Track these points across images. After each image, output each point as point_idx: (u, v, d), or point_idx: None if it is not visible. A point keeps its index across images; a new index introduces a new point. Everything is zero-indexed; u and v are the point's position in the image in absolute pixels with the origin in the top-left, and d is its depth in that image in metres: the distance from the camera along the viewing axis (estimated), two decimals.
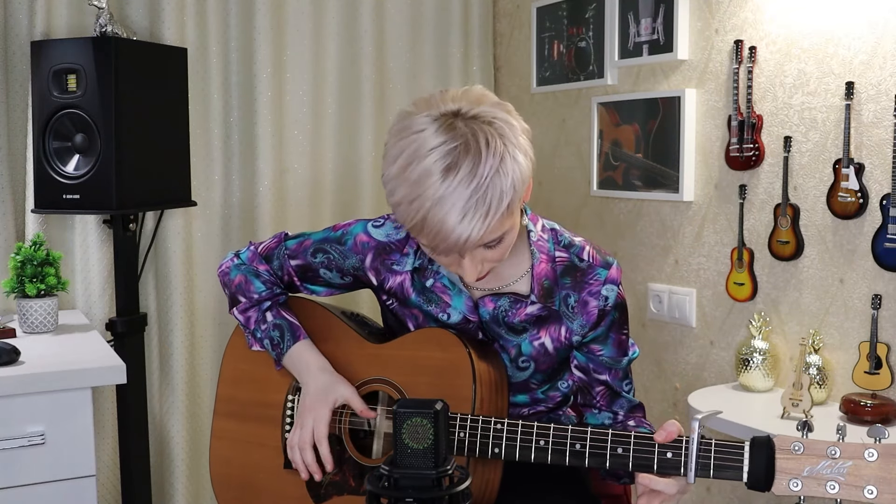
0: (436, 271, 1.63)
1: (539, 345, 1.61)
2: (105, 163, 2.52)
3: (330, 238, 1.71)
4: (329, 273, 1.71)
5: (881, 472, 1.24)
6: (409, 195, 1.37)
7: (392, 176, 1.40)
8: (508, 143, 1.39)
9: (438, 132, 1.38)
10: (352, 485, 1.62)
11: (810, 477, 1.28)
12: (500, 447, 1.46)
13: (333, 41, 3.25)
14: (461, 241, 1.37)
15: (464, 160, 1.35)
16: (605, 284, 1.58)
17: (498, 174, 1.37)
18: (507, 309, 1.60)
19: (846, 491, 1.26)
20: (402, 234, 1.66)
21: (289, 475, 1.67)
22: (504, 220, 1.40)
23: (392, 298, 1.68)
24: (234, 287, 1.75)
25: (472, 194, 1.35)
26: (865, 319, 2.34)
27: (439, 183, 1.35)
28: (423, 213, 1.37)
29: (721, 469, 1.34)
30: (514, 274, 1.61)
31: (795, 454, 1.29)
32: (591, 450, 1.41)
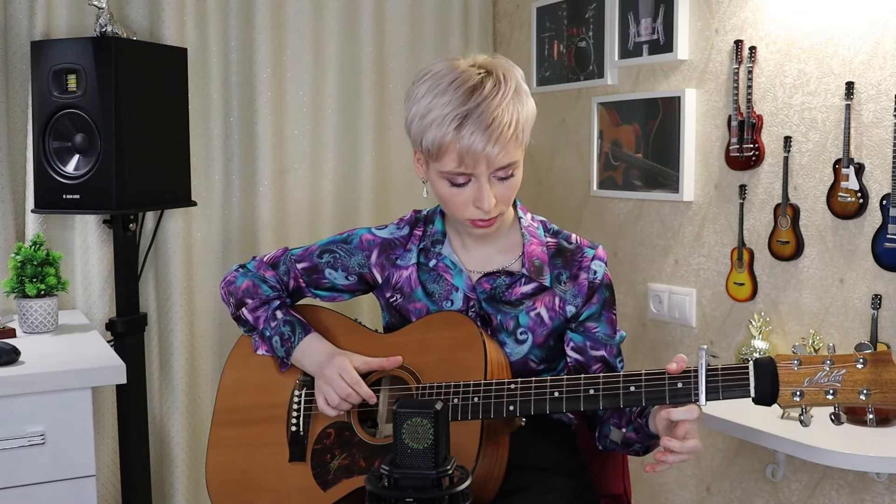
0: (438, 253, 1.73)
1: (535, 315, 1.69)
2: (105, 163, 2.52)
3: (335, 240, 1.80)
4: (334, 273, 1.78)
5: (871, 376, 1.39)
6: (439, 116, 1.55)
7: (420, 108, 1.58)
8: (520, 86, 1.61)
9: (458, 68, 1.58)
10: (362, 465, 1.64)
11: (810, 386, 1.41)
12: (514, 404, 1.51)
13: (333, 41, 3.25)
14: (488, 150, 1.53)
15: (487, 82, 1.56)
16: (594, 260, 1.71)
17: (516, 98, 1.58)
18: (503, 289, 1.69)
19: (843, 395, 1.39)
20: (405, 231, 1.76)
21: (293, 468, 1.68)
22: (517, 148, 1.59)
23: (396, 294, 1.74)
24: (241, 292, 1.79)
25: (496, 108, 1.54)
26: (865, 319, 2.35)
27: (467, 99, 1.54)
28: (454, 128, 1.53)
29: (729, 389, 1.44)
30: (507, 259, 1.72)
31: (795, 369, 1.42)
32: (604, 391, 1.48)
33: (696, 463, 2.84)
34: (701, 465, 2.83)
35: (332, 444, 1.67)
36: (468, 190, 1.59)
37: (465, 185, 1.59)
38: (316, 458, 1.68)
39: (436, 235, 1.74)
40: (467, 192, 1.60)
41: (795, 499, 2.53)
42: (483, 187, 1.58)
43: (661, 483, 2.97)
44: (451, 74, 1.57)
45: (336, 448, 1.66)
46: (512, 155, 1.58)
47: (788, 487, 2.55)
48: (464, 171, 1.57)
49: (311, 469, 1.67)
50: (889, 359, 1.38)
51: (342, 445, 1.65)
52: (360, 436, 1.66)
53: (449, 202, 1.63)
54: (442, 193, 1.63)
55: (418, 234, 1.75)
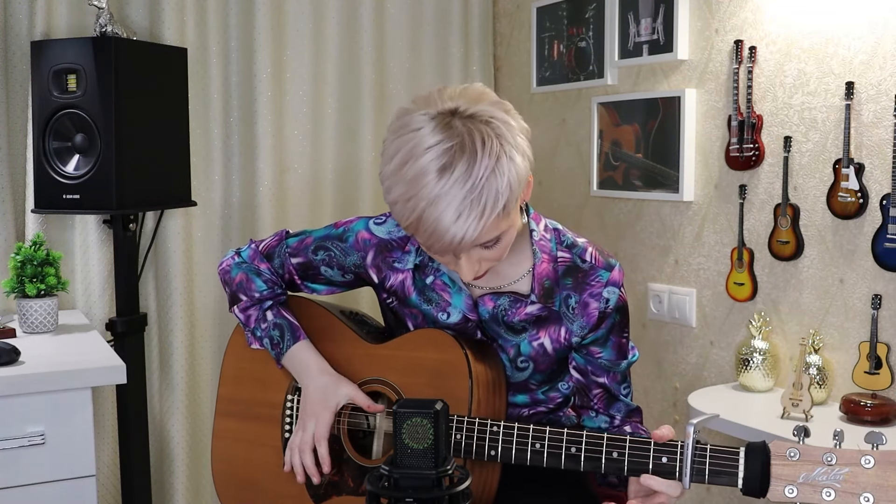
0: (436, 269, 1.63)
1: (538, 345, 1.60)
2: (105, 163, 2.52)
3: (331, 235, 1.71)
4: (330, 271, 1.71)
5: (878, 480, 1.23)
6: (405, 194, 1.38)
7: (389, 174, 1.42)
8: (505, 143, 1.39)
9: (435, 131, 1.37)
10: (350, 485, 1.62)
11: (806, 483, 1.26)
12: (496, 450, 1.46)
13: (333, 41, 3.25)
14: (455, 242, 1.37)
15: (459, 160, 1.35)
16: (607, 286, 1.57)
17: (493, 174, 1.36)
18: (506, 308, 1.60)
19: (842, 498, 1.24)
20: (403, 231, 1.65)
21: (289, 475, 1.68)
22: (500, 221, 1.40)
23: (392, 297, 1.68)
24: (234, 285, 1.75)
25: (468, 195, 1.34)
26: (865, 319, 2.34)
27: (434, 182, 1.35)
28: (418, 213, 1.37)
29: (716, 475, 1.34)
30: (514, 273, 1.60)
31: (791, 460, 1.28)
32: (586, 453, 1.41)
33: None
34: None
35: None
36: (449, 258, 1.47)
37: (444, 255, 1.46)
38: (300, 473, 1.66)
39: None
40: (448, 258, 1.47)
41: None
42: (461, 265, 1.45)
43: None
44: (424, 141, 1.37)
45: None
46: (492, 232, 1.41)
47: None
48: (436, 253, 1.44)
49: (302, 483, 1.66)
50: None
51: (333, 460, 1.63)
52: (348, 454, 1.64)
53: (434, 258, 1.52)
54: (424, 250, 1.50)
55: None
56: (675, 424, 2.89)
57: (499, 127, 1.40)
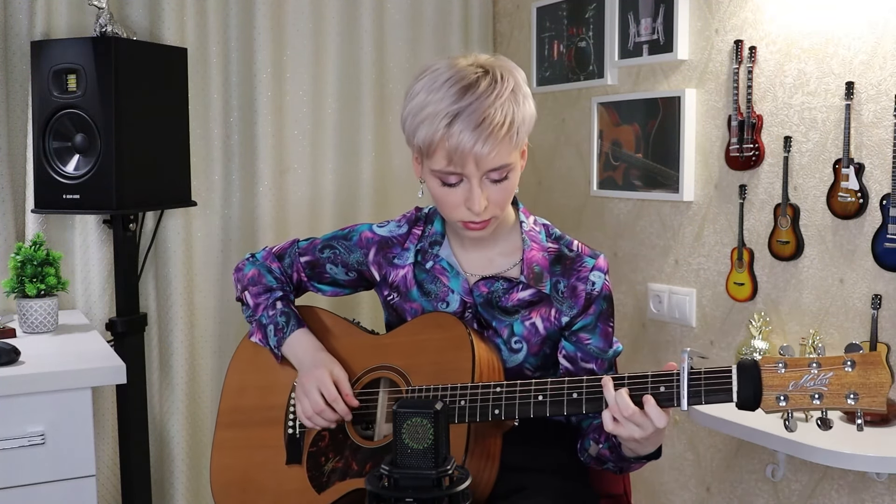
0: (435, 255, 1.71)
1: (530, 324, 1.67)
2: (105, 163, 2.52)
3: (337, 236, 1.81)
4: (335, 268, 1.79)
5: (860, 379, 1.33)
6: (431, 112, 1.52)
7: (414, 105, 1.56)
8: (518, 86, 1.57)
9: (457, 66, 1.56)
10: (355, 469, 1.64)
11: (795, 391, 1.35)
12: (499, 407, 1.50)
13: (333, 41, 3.25)
14: (477, 148, 1.50)
15: (482, 81, 1.53)
16: (593, 271, 1.67)
17: (511, 100, 1.54)
18: (500, 294, 1.67)
19: (830, 399, 1.34)
20: (404, 229, 1.76)
21: (290, 471, 1.69)
22: (513, 147, 1.55)
23: (393, 293, 1.74)
24: (247, 279, 1.83)
25: (489, 106, 1.50)
26: (865, 319, 2.34)
27: (460, 97, 1.51)
28: (444, 125, 1.51)
29: (711, 393, 1.40)
30: (507, 263, 1.69)
31: (780, 372, 1.36)
32: (587, 395, 1.47)
33: (695, 463, 2.84)
34: (701, 465, 2.83)
35: (327, 446, 1.67)
36: (459, 190, 1.57)
37: (456, 186, 1.56)
38: (311, 461, 1.68)
39: (434, 236, 1.73)
40: (459, 192, 1.57)
41: (795, 499, 2.53)
42: (473, 188, 1.55)
43: (660, 483, 2.97)
44: (448, 72, 1.54)
45: (330, 451, 1.67)
46: (504, 157, 1.54)
47: (788, 487, 2.55)
48: (453, 171, 1.54)
49: (307, 471, 1.68)
50: (878, 360, 1.33)
51: (336, 448, 1.66)
52: (352, 438, 1.66)
53: (441, 202, 1.61)
54: (434, 193, 1.60)
55: (417, 233, 1.74)
56: (676, 424, 2.89)
57: (513, 72, 1.59)
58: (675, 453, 2.91)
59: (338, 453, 1.65)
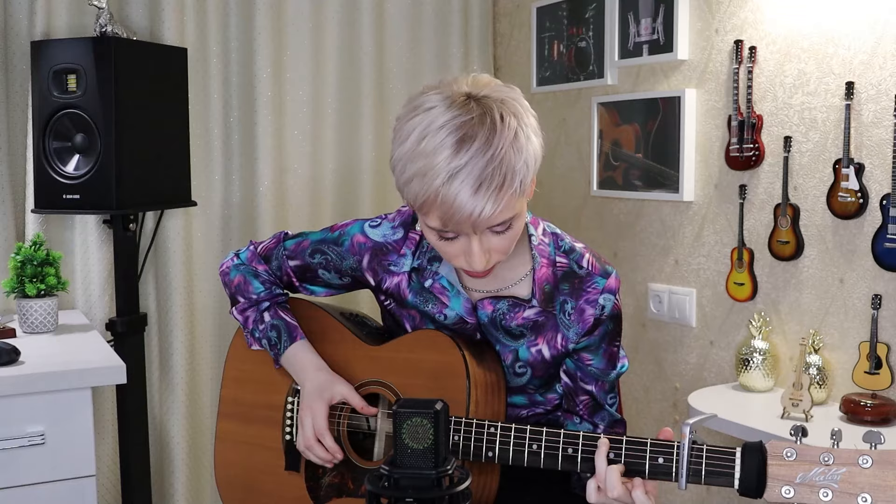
0: (435, 272, 1.61)
1: (536, 351, 1.60)
2: (105, 163, 2.52)
3: (327, 239, 1.70)
4: (328, 273, 1.71)
5: (875, 480, 1.21)
6: (422, 169, 1.35)
7: (403, 153, 1.39)
8: (521, 121, 1.39)
9: (451, 108, 1.37)
10: (350, 487, 1.62)
11: (803, 484, 1.25)
12: (493, 451, 1.45)
13: (333, 41, 3.25)
14: (475, 215, 1.35)
15: (479, 131, 1.34)
16: (603, 293, 1.57)
17: (512, 148, 1.35)
18: (505, 312, 1.59)
19: (840, 498, 1.23)
20: (399, 234, 1.64)
21: (289, 477, 1.68)
22: (516, 199, 1.39)
23: (389, 299, 1.67)
24: (233, 287, 1.76)
25: (488, 164, 1.33)
26: (865, 319, 2.34)
27: (454, 154, 1.34)
28: (436, 186, 1.34)
29: (712, 475, 1.32)
30: (513, 277, 1.59)
31: (788, 460, 1.26)
32: (583, 454, 1.40)
33: None
34: None
35: None
36: (459, 243, 1.43)
37: (454, 239, 1.43)
38: (309, 471, 1.66)
39: (433, 251, 1.60)
40: (457, 245, 1.44)
41: None
42: (473, 246, 1.42)
43: (660, 483, 2.96)
44: (442, 116, 1.36)
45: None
46: (507, 213, 1.39)
47: None
48: (450, 232, 1.41)
49: (305, 482, 1.66)
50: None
51: (333, 462, 1.63)
52: (349, 456, 1.64)
53: (440, 252, 1.49)
54: (431, 242, 1.47)
55: (414, 238, 1.63)
56: (675, 424, 2.89)
57: (514, 106, 1.40)
58: None
59: (335, 468, 1.64)
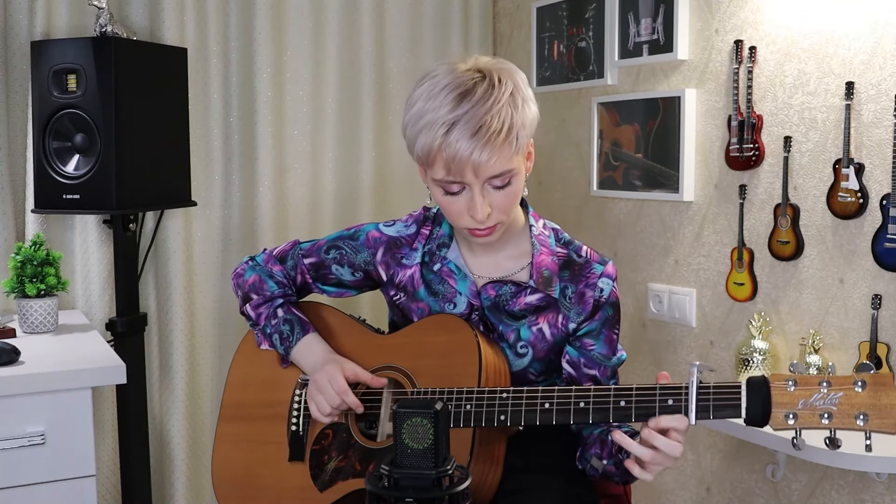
0: (443, 257, 1.70)
1: (537, 330, 1.66)
2: (105, 163, 2.52)
3: (343, 236, 1.79)
4: (341, 269, 1.77)
5: (870, 400, 1.32)
6: (429, 121, 1.50)
7: (413, 113, 1.54)
8: (518, 87, 1.54)
9: (456, 72, 1.53)
10: (357, 468, 1.64)
11: (804, 409, 1.34)
12: (505, 414, 1.50)
13: (333, 41, 3.25)
14: (475, 157, 1.48)
15: (479, 87, 1.50)
16: (602, 277, 1.66)
17: (510, 104, 1.51)
18: (507, 297, 1.66)
19: (839, 420, 1.32)
20: (412, 230, 1.74)
21: (293, 467, 1.69)
22: (513, 155, 1.52)
23: (400, 293, 1.73)
24: (247, 287, 1.81)
25: (486, 114, 1.48)
26: (865, 319, 2.35)
27: (456, 105, 1.49)
28: (441, 134, 1.48)
29: (720, 409, 1.40)
30: (515, 266, 1.68)
31: (789, 389, 1.36)
32: (594, 405, 1.46)
33: (696, 463, 2.84)
34: (701, 465, 2.83)
35: (330, 445, 1.67)
36: (462, 198, 1.55)
37: (459, 194, 1.55)
38: (314, 459, 1.68)
39: (442, 238, 1.71)
40: (461, 200, 1.55)
41: (795, 499, 2.53)
42: (475, 196, 1.53)
43: (661, 483, 2.97)
44: (445, 79, 1.52)
45: (333, 449, 1.67)
46: (504, 163, 1.51)
47: (788, 487, 2.55)
48: (453, 180, 1.52)
49: (310, 469, 1.68)
50: (889, 382, 1.31)
51: (339, 447, 1.66)
52: (356, 438, 1.66)
53: (445, 210, 1.59)
54: (438, 201, 1.59)
55: (425, 234, 1.73)
56: None
57: (513, 76, 1.56)
58: None
59: (341, 452, 1.65)
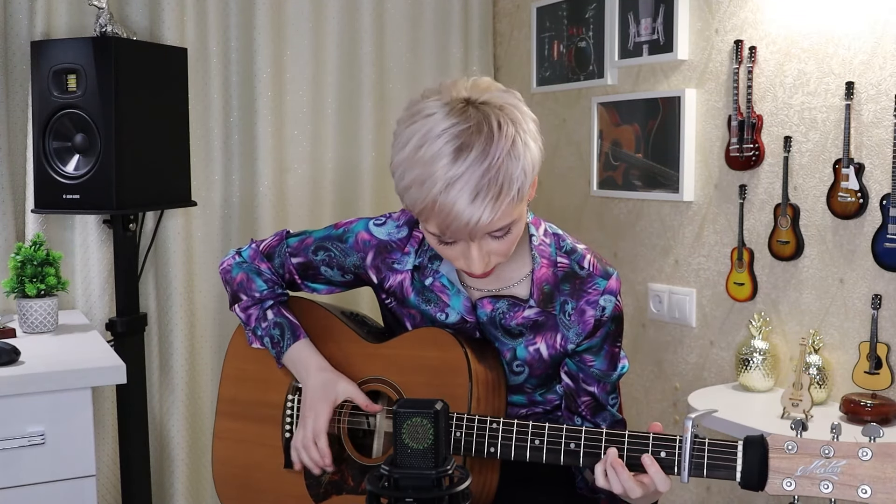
0: (435, 270, 1.62)
1: (534, 350, 1.60)
2: (105, 163, 2.52)
3: (331, 236, 1.71)
4: (330, 271, 1.72)
5: (875, 472, 1.24)
6: (420, 177, 1.36)
7: (402, 160, 1.40)
8: (520, 128, 1.39)
9: (450, 115, 1.38)
10: (350, 484, 1.62)
11: (804, 476, 1.27)
12: (495, 446, 1.46)
13: (333, 41, 3.25)
14: (472, 224, 1.36)
15: (476, 141, 1.35)
16: (604, 295, 1.57)
17: (510, 156, 1.36)
18: (504, 312, 1.60)
19: (840, 490, 1.25)
20: (404, 232, 1.65)
21: (288, 475, 1.68)
22: (514, 206, 1.40)
23: (391, 298, 1.68)
24: (235, 285, 1.76)
25: (484, 174, 1.34)
26: (865, 319, 2.34)
27: (451, 164, 1.34)
28: (434, 195, 1.36)
29: (714, 469, 1.33)
30: (514, 277, 1.60)
31: (789, 453, 1.29)
32: (585, 449, 1.41)
33: None
34: None
35: None
36: (458, 247, 1.45)
37: (454, 244, 1.44)
38: (307, 470, 1.66)
39: (434, 250, 1.59)
40: (457, 249, 1.45)
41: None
42: (472, 251, 1.43)
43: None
44: (439, 125, 1.37)
45: None
46: (505, 219, 1.40)
47: None
48: (449, 239, 1.43)
49: (305, 479, 1.66)
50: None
51: (333, 459, 1.63)
52: (348, 452, 1.64)
53: (441, 253, 1.50)
54: (432, 245, 1.49)
55: (418, 237, 1.64)
56: (675, 424, 2.89)
57: (513, 112, 1.40)
58: None
59: (335, 465, 1.63)
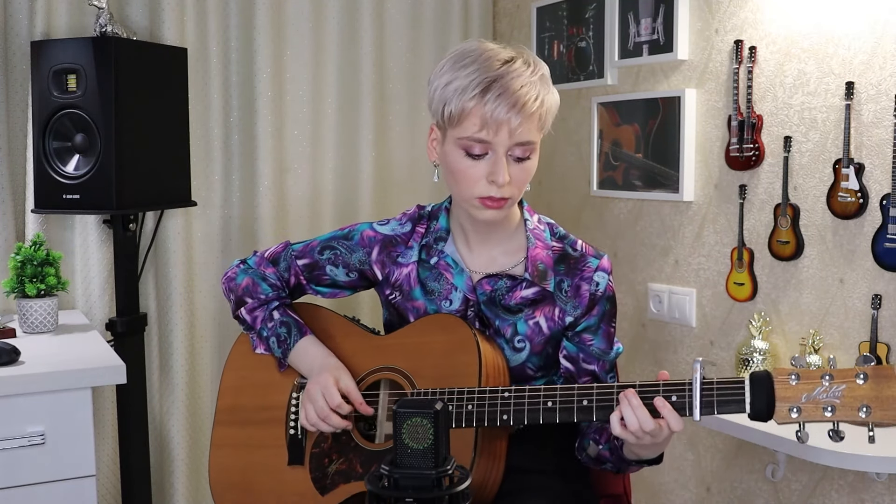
0: (440, 250, 1.69)
1: (534, 324, 1.66)
2: (105, 163, 2.52)
3: (336, 236, 1.78)
4: (335, 270, 1.76)
5: (872, 392, 1.34)
6: (467, 79, 1.53)
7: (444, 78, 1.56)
8: (546, 76, 1.60)
9: (488, 46, 1.58)
10: (359, 471, 1.63)
11: (808, 402, 1.36)
12: (508, 413, 1.50)
13: (333, 41, 3.25)
14: (519, 106, 1.52)
15: (519, 58, 1.56)
16: (597, 271, 1.66)
17: (541, 83, 1.57)
18: (503, 292, 1.66)
19: (842, 412, 1.34)
20: (407, 228, 1.73)
21: (292, 472, 1.68)
22: (539, 129, 1.58)
23: (396, 292, 1.72)
24: (241, 290, 1.78)
25: (525, 82, 1.53)
26: (865, 319, 2.35)
27: (497, 67, 1.53)
28: (482, 89, 1.51)
29: (724, 404, 1.40)
30: (511, 261, 1.68)
31: (792, 383, 1.37)
32: (597, 403, 1.46)
33: (696, 463, 2.84)
34: (701, 465, 2.83)
35: (330, 447, 1.66)
36: (483, 164, 1.55)
37: (480, 158, 1.55)
38: (314, 462, 1.67)
39: (439, 232, 1.71)
40: (482, 165, 1.55)
41: (795, 499, 2.53)
42: (500, 160, 1.54)
43: (660, 483, 2.97)
44: (479, 49, 1.56)
45: (333, 452, 1.66)
46: (532, 133, 1.56)
47: (788, 487, 2.55)
48: (483, 138, 1.53)
49: (310, 473, 1.67)
50: (891, 374, 1.33)
51: (339, 450, 1.65)
52: (356, 440, 1.65)
53: (462, 175, 1.57)
54: (456, 167, 1.57)
55: (420, 231, 1.72)
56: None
57: (542, 63, 1.62)
58: (675, 453, 2.91)
59: (341, 455, 1.64)
